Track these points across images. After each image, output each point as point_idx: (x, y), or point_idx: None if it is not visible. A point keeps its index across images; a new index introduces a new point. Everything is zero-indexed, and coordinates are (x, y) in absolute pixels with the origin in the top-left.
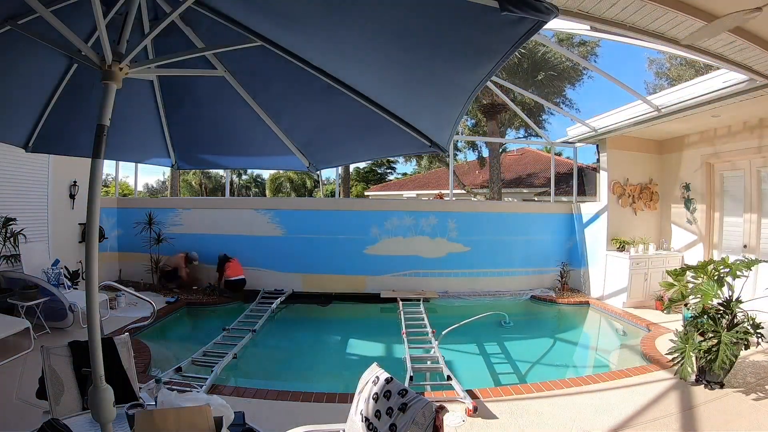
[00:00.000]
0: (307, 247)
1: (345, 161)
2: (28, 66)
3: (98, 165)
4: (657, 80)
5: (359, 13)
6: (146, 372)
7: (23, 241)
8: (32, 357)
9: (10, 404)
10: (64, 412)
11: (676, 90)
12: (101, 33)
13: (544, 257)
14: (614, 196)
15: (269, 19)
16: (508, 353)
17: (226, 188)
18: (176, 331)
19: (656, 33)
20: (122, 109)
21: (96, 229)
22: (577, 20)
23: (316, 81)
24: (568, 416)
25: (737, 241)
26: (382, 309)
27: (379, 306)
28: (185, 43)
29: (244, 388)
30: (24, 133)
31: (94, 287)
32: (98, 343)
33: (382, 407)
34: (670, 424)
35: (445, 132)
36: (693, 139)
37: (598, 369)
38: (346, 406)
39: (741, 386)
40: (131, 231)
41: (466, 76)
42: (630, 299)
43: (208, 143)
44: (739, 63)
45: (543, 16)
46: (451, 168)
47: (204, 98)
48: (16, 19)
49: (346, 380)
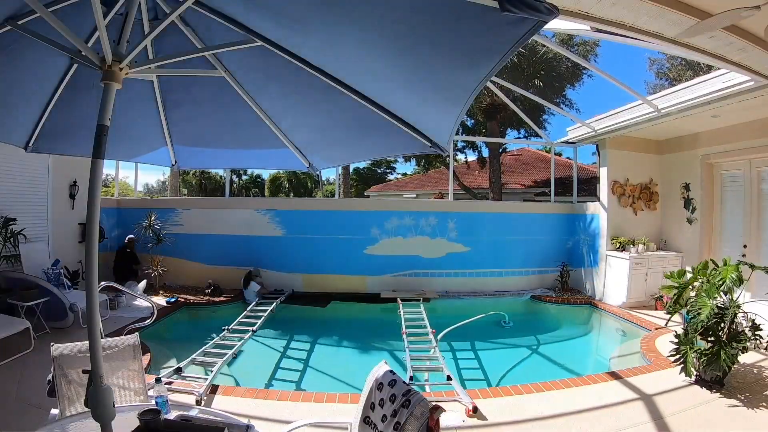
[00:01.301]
0: (307, 247)
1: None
2: (28, 66)
3: (98, 165)
4: (657, 80)
5: (359, 14)
6: (146, 371)
7: (23, 241)
8: (32, 357)
9: (10, 404)
10: (74, 411)
11: (677, 90)
12: (101, 33)
13: (544, 257)
14: (614, 196)
15: (269, 19)
16: (507, 353)
17: (226, 188)
18: (176, 331)
19: (654, 33)
20: (122, 109)
21: (96, 229)
22: (577, 20)
23: (316, 81)
24: (567, 416)
25: (737, 241)
26: (383, 309)
27: (378, 306)
28: (185, 44)
29: (245, 388)
30: (24, 133)
31: (94, 287)
32: (98, 343)
33: (387, 411)
34: (670, 424)
35: (445, 132)
36: (693, 139)
37: (598, 369)
38: (346, 406)
39: (741, 386)
40: (131, 231)
41: (466, 76)
42: (630, 299)
43: (208, 143)
44: (739, 63)
45: (543, 16)
46: (451, 168)
47: (204, 98)
48: (16, 19)
49: (347, 380)
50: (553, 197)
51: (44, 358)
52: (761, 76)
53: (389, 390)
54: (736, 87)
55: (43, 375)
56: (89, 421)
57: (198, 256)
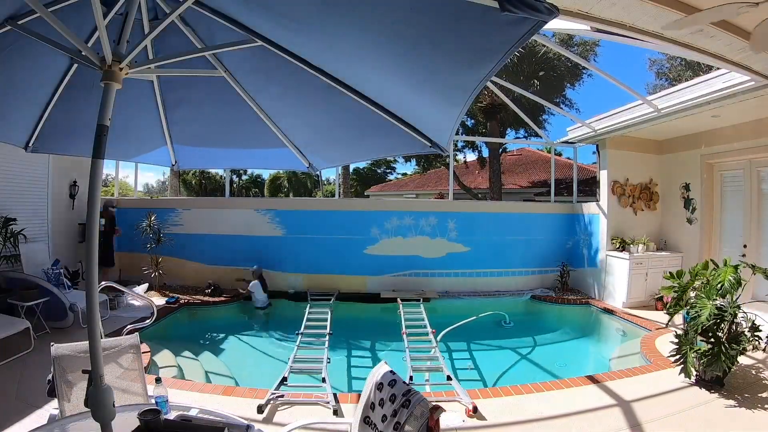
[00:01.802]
0: (307, 247)
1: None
2: (28, 66)
3: (98, 165)
4: (657, 80)
5: (359, 13)
6: (147, 371)
7: (23, 241)
8: (32, 357)
9: (10, 404)
10: (74, 411)
11: (676, 90)
12: (101, 33)
13: (544, 257)
14: (614, 196)
15: (269, 19)
16: (507, 353)
17: (225, 188)
18: (176, 331)
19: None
20: (122, 109)
21: (96, 229)
22: (577, 20)
23: (316, 81)
24: (568, 417)
25: (737, 241)
26: (383, 309)
27: (378, 306)
28: (185, 44)
29: (244, 389)
30: (24, 133)
31: (94, 287)
32: (98, 343)
33: (387, 411)
34: (671, 424)
35: (445, 132)
36: (693, 139)
37: (598, 369)
38: (346, 406)
39: (741, 386)
40: (131, 231)
41: (466, 76)
42: (630, 299)
43: (208, 143)
44: (739, 63)
45: (543, 16)
46: (450, 168)
47: (204, 98)
48: (16, 19)
49: (346, 380)
50: (553, 197)
51: (44, 358)
52: (761, 76)
53: (389, 390)
54: (736, 87)
55: (43, 375)
56: (89, 421)
57: (198, 256)
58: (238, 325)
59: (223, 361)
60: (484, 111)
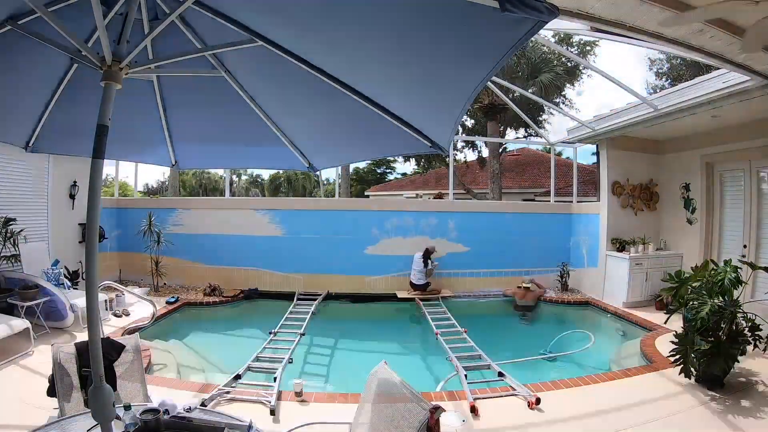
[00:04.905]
0: (307, 247)
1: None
2: (28, 66)
3: (98, 165)
4: (657, 80)
5: (360, 13)
6: (147, 371)
7: (23, 241)
8: (32, 357)
9: (10, 404)
10: (74, 411)
11: (676, 90)
12: (101, 33)
13: (544, 257)
14: (614, 196)
15: (269, 19)
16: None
17: (225, 188)
18: (176, 331)
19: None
20: (122, 109)
21: (96, 229)
22: (577, 20)
23: (316, 81)
24: (567, 416)
25: (737, 241)
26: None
27: (379, 306)
28: (185, 44)
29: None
30: (24, 133)
31: (94, 287)
32: (98, 343)
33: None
34: (671, 425)
35: (445, 132)
36: (693, 139)
37: (598, 369)
38: (345, 406)
39: (741, 386)
40: (131, 231)
41: (467, 76)
42: (630, 299)
43: (208, 143)
44: (740, 63)
45: (543, 16)
46: (450, 168)
47: (204, 98)
48: (16, 19)
49: (346, 381)
50: (553, 197)
51: (44, 358)
52: (761, 76)
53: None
54: (736, 87)
55: (43, 375)
56: (89, 421)
57: (198, 256)
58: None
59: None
60: (484, 111)
